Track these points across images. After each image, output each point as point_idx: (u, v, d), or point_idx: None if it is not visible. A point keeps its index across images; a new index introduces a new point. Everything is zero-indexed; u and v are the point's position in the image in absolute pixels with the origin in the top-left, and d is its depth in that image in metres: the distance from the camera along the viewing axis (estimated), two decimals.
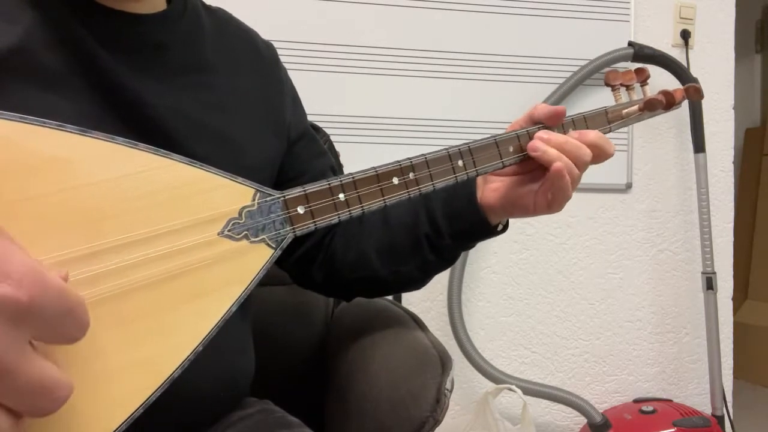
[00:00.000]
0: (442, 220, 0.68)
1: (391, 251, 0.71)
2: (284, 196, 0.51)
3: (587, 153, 0.61)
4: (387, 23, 1.43)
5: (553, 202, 0.62)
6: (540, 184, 0.63)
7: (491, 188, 0.66)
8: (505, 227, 0.70)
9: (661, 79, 1.54)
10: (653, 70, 1.52)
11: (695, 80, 1.49)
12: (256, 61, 0.72)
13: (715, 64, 1.65)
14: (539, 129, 0.64)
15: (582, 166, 0.62)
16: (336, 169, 0.80)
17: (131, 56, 0.57)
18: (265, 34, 0.77)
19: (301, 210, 0.51)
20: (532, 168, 0.64)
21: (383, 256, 0.71)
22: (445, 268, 0.73)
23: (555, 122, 0.65)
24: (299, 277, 0.78)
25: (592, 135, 0.63)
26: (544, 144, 0.61)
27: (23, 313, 0.28)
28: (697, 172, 1.54)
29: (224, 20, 0.71)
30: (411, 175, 0.58)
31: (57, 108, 0.52)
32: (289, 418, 0.67)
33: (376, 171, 0.56)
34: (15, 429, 0.30)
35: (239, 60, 0.69)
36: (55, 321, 0.30)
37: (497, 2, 1.49)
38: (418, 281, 0.74)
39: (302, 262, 0.75)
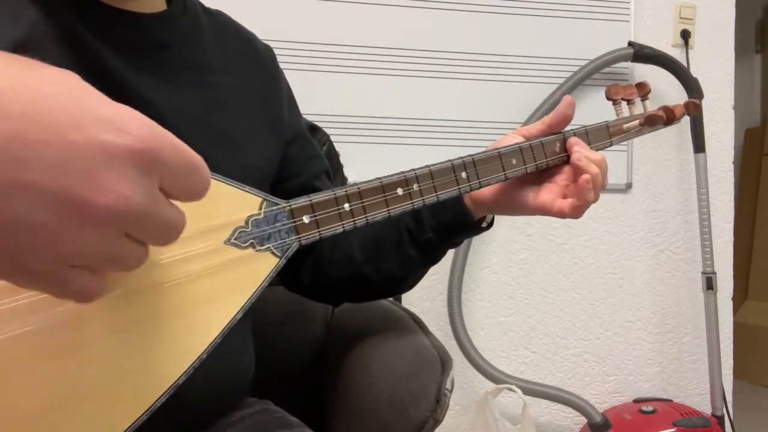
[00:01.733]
0: (425, 212, 0.69)
1: (373, 245, 0.72)
2: (290, 206, 0.51)
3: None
4: (387, 23, 1.43)
5: (578, 209, 0.64)
6: (559, 191, 0.66)
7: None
8: (490, 224, 0.71)
9: (661, 79, 1.55)
10: (653, 70, 1.53)
11: (695, 80, 1.49)
12: (255, 63, 0.72)
13: (715, 64, 1.65)
14: (541, 143, 0.66)
15: (605, 185, 0.66)
16: (330, 172, 0.80)
17: (133, 54, 0.58)
18: (265, 34, 0.77)
19: (306, 219, 0.51)
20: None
21: (366, 250, 0.72)
22: (426, 267, 0.74)
23: (560, 124, 0.67)
24: (288, 280, 0.78)
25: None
26: (587, 159, 0.64)
27: (149, 162, 0.31)
28: (697, 172, 1.55)
29: (223, 23, 0.71)
30: (415, 186, 0.58)
31: None
32: (289, 418, 0.67)
33: (380, 182, 0.57)
34: (146, 256, 0.34)
35: (238, 61, 0.70)
36: (178, 171, 0.33)
37: (497, 2, 1.49)
38: (399, 281, 0.74)
39: (292, 264, 0.75)
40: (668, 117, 0.72)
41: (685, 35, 1.60)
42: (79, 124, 0.29)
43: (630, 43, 1.50)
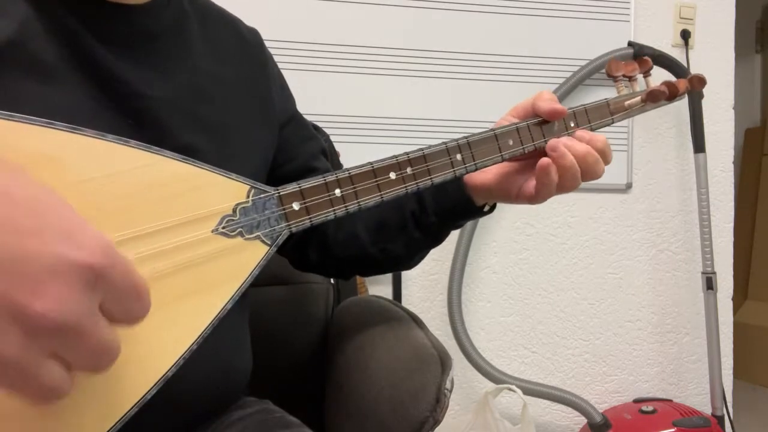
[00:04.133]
0: (427, 196, 0.69)
1: (378, 228, 0.72)
2: (279, 193, 0.50)
3: (601, 168, 0.63)
4: (387, 23, 1.43)
5: (537, 196, 0.63)
6: (527, 176, 0.64)
7: (482, 169, 0.66)
8: (492, 208, 0.71)
9: (661, 79, 1.54)
10: (653, 70, 1.52)
11: None
12: (241, 48, 0.71)
13: (715, 64, 1.65)
14: (539, 122, 0.65)
15: (591, 176, 0.63)
16: (327, 151, 0.80)
17: (124, 47, 0.57)
18: (265, 34, 0.77)
19: (296, 206, 0.51)
20: (528, 157, 0.65)
21: (371, 232, 0.73)
22: (431, 247, 0.74)
23: (554, 119, 0.66)
24: (296, 260, 0.78)
25: (601, 142, 0.64)
26: (565, 149, 0.61)
27: (96, 278, 0.31)
28: (697, 172, 1.54)
29: (206, 9, 0.70)
30: (408, 169, 0.57)
31: (52, 100, 0.52)
32: (288, 418, 0.67)
33: (372, 166, 0.56)
34: (68, 382, 0.32)
35: (225, 48, 0.69)
36: (122, 293, 0.33)
37: (497, 2, 1.49)
38: (405, 259, 0.75)
39: (298, 245, 0.76)
40: (671, 92, 0.69)
41: (685, 35, 1.60)
42: (39, 231, 0.30)
43: (630, 43, 1.50)
